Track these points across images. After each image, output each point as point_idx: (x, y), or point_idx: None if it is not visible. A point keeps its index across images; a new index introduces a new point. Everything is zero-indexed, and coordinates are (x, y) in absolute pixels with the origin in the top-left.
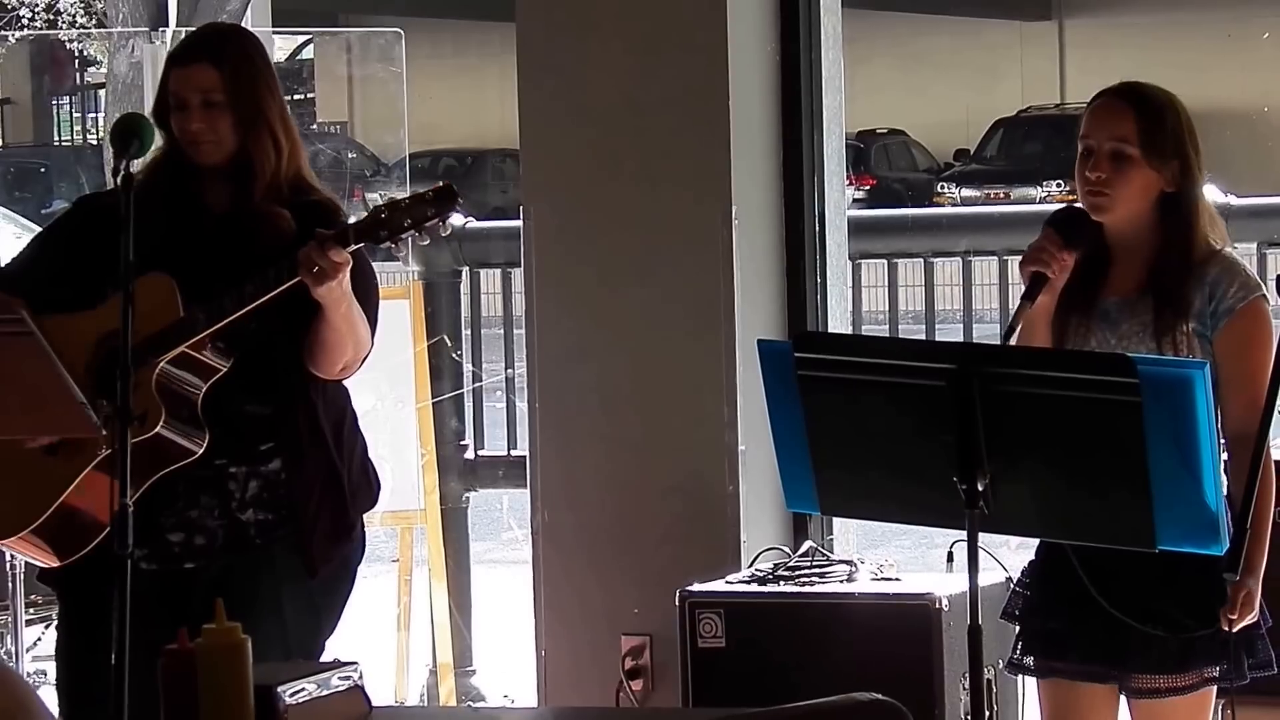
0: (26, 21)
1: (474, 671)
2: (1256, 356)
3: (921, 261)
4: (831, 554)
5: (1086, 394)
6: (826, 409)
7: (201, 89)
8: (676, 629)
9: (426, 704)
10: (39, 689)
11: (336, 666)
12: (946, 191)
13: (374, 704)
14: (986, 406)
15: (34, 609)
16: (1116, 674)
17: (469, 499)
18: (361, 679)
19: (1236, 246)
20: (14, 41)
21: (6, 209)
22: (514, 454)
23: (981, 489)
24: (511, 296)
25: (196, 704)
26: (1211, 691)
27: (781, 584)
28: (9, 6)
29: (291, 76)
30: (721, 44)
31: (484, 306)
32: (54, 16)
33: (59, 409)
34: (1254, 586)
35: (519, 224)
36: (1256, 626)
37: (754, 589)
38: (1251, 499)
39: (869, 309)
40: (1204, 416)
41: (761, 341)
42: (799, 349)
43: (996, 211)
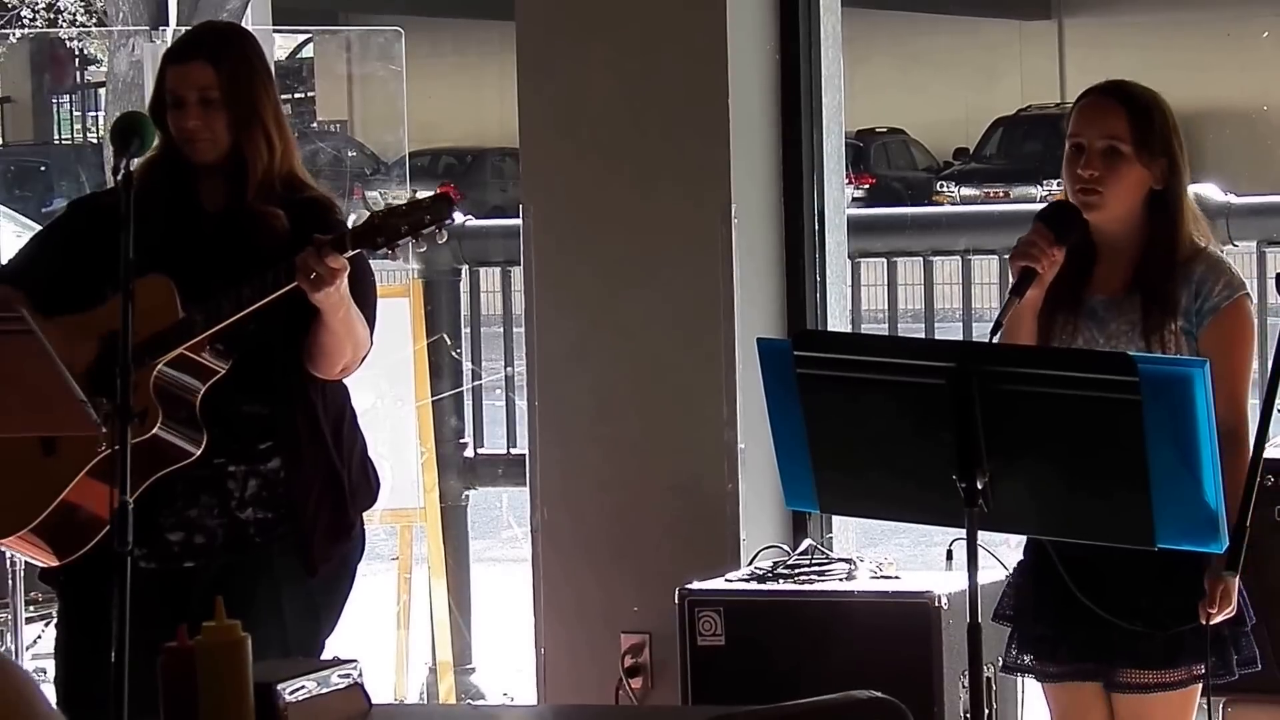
0: (27, 20)
1: (473, 669)
2: (1240, 353)
3: (921, 260)
4: (831, 552)
5: (1086, 392)
6: (826, 407)
7: (198, 87)
8: (676, 627)
9: (426, 702)
10: None
11: (336, 664)
12: (946, 190)
13: (373, 702)
14: (986, 405)
15: (34, 607)
16: (1106, 670)
17: (468, 497)
18: (361, 677)
19: (1237, 245)
20: (14, 40)
21: (6, 208)
22: (513, 452)
23: (981, 487)
24: (511, 295)
25: (196, 702)
26: (1197, 688)
27: (781, 582)
28: (9, 5)
29: (291, 75)
30: (721, 44)
31: (483, 305)
32: (54, 15)
33: (59, 407)
34: (1230, 581)
35: (519, 222)
36: (1241, 624)
37: (753, 587)
38: (1251, 498)
39: (868, 308)
40: (1204, 415)
41: (761, 340)
42: (798, 347)
43: (996, 210)
